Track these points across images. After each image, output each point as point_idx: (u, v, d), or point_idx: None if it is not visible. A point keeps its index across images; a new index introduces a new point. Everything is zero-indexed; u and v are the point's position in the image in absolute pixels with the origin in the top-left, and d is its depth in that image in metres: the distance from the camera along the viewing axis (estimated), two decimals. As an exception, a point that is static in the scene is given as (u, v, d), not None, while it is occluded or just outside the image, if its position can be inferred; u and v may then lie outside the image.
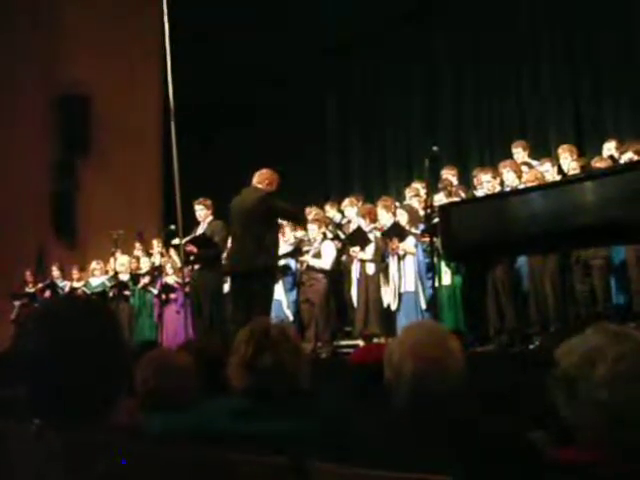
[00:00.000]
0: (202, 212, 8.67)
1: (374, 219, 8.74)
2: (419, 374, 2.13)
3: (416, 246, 8.17)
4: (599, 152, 8.09)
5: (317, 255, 8.88)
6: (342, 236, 9.09)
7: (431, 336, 2.24)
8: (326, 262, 8.83)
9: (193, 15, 12.18)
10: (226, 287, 9.08)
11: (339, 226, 9.58)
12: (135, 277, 10.59)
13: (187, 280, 8.84)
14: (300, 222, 8.99)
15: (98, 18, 13.36)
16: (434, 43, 12.43)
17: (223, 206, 7.66)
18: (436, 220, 6.45)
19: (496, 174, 7.97)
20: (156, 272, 10.42)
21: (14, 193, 12.62)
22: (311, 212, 9.60)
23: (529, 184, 7.15)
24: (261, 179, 7.34)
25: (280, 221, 8.19)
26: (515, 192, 6.90)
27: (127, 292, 10.63)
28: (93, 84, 13.31)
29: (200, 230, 8.61)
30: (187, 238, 8.21)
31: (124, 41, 13.58)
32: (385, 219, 8.56)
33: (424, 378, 2.13)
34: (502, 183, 7.88)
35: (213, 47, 13.24)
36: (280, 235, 8.51)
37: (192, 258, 8.37)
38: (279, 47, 12.86)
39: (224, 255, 8.96)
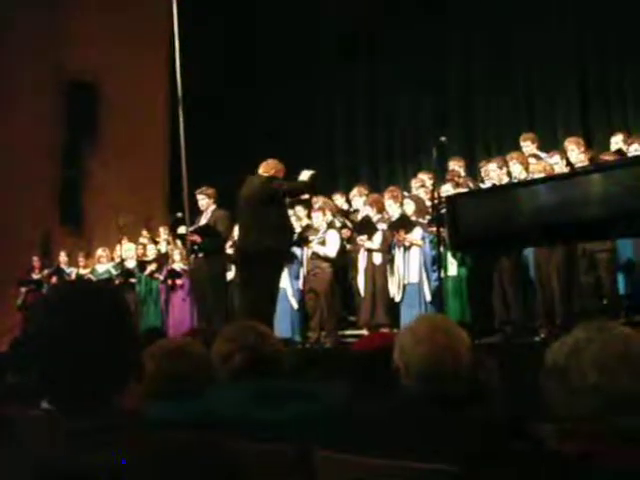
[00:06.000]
0: (204, 201, 8.69)
1: (381, 209, 8.74)
2: (432, 359, 2.18)
3: (423, 238, 8.16)
4: (606, 145, 8.07)
5: (322, 244, 8.87)
6: (349, 224, 9.09)
7: (443, 324, 2.31)
8: (331, 250, 8.81)
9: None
10: (231, 275, 9.12)
11: (346, 214, 9.58)
12: (142, 264, 10.61)
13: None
14: (308, 190, 8.45)
15: (106, 4, 13.34)
16: (443, 36, 12.37)
17: (231, 193, 7.63)
18: (443, 211, 6.45)
19: (504, 164, 7.96)
20: (163, 259, 10.45)
21: (20, 179, 12.62)
22: (318, 201, 9.59)
23: (537, 176, 7.13)
24: (267, 169, 7.29)
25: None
26: (522, 184, 6.89)
27: (133, 280, 10.65)
28: (101, 70, 13.31)
29: (203, 220, 8.62)
30: (191, 228, 8.20)
31: (132, 27, 13.56)
32: (392, 209, 8.55)
33: (436, 363, 2.18)
34: (510, 175, 7.87)
35: (222, 31, 13.23)
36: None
37: (195, 247, 8.38)
38: (287, 35, 12.87)
39: (229, 244, 8.98)
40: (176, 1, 7.69)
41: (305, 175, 7.31)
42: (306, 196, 8.66)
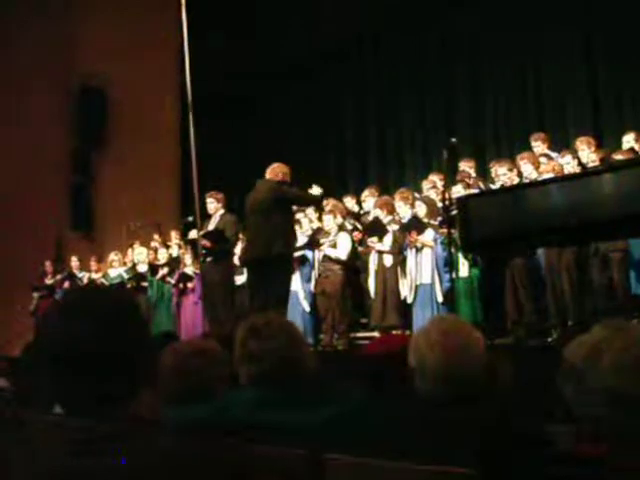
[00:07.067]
0: (212, 205, 8.77)
1: (391, 211, 8.73)
2: (446, 361, 2.17)
3: (435, 240, 8.15)
4: (618, 144, 8.03)
5: (333, 246, 8.88)
6: (360, 227, 9.09)
7: (458, 326, 2.31)
8: (342, 252, 8.82)
9: (212, 5, 12.20)
10: (240, 279, 9.14)
11: (357, 217, 9.58)
12: (153, 268, 10.63)
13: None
14: (315, 204, 8.95)
15: (116, 10, 13.38)
16: (452, 36, 12.36)
17: (240, 197, 7.68)
18: (454, 212, 6.43)
19: (513, 166, 7.94)
20: (174, 263, 10.47)
21: (31, 185, 12.67)
22: (328, 203, 9.60)
23: (547, 176, 7.10)
24: (274, 174, 7.42)
25: (297, 216, 8.23)
26: (533, 184, 6.86)
27: (145, 283, 10.67)
28: (110, 75, 13.34)
29: (212, 224, 8.67)
30: (201, 232, 8.28)
31: (141, 31, 13.59)
32: (403, 211, 8.55)
33: (450, 365, 2.17)
34: (520, 175, 7.84)
35: (231, 38, 13.24)
36: (297, 227, 8.55)
37: (205, 251, 8.43)
38: (292, 37, 12.88)
39: (239, 247, 9.01)
40: (185, 7, 7.72)
41: (316, 190, 7.56)
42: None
